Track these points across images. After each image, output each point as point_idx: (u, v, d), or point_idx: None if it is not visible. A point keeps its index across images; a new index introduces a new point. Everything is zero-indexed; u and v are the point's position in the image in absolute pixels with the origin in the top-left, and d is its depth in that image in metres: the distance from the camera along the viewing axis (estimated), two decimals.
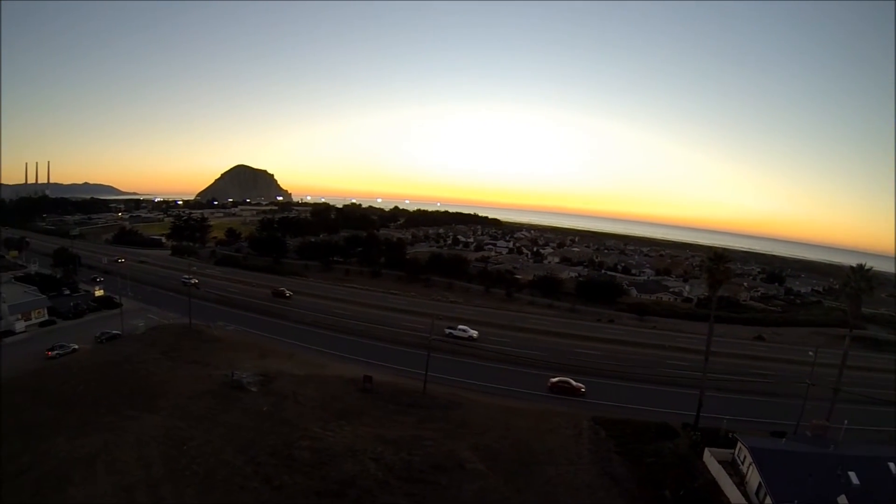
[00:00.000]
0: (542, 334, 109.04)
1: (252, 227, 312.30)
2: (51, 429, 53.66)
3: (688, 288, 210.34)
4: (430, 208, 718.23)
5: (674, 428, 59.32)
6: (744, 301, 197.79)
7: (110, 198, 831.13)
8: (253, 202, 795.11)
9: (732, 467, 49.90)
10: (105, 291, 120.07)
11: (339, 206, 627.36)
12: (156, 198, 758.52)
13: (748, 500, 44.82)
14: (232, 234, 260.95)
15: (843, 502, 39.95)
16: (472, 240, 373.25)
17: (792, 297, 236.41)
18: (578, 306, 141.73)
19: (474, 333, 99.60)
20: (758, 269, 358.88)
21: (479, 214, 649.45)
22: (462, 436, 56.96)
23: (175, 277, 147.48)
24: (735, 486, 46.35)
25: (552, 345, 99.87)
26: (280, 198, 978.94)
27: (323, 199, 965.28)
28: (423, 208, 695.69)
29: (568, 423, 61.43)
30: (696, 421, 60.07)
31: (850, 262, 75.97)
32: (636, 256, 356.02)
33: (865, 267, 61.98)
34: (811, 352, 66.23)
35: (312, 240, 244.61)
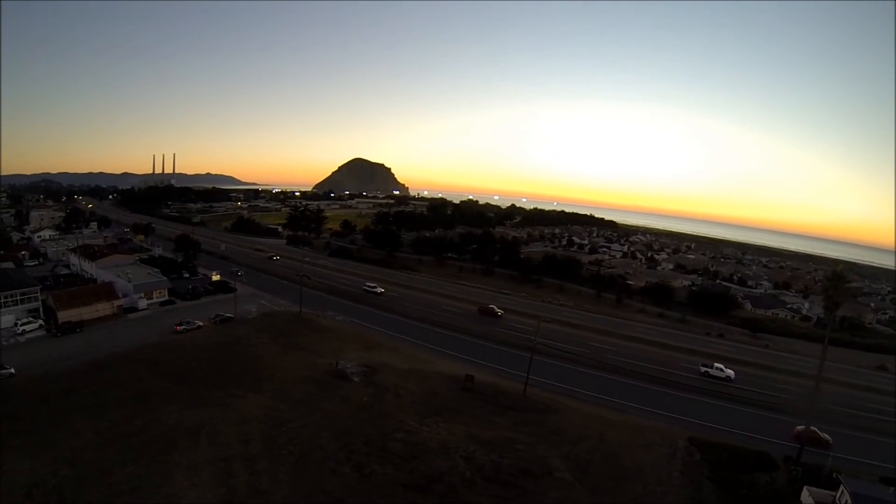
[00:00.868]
0: (648, 344, 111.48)
1: (367, 219, 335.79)
2: (163, 398, 63.39)
3: (807, 305, 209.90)
4: (546, 207, 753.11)
5: (773, 459, 59.29)
6: (869, 324, 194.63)
7: (230, 187, 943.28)
8: (370, 195, 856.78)
9: None
10: (221, 276, 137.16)
11: (456, 201, 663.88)
12: (274, 188, 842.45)
13: None
14: (347, 225, 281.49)
15: None
16: (586, 241, 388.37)
17: None
18: (689, 317, 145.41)
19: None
20: (888, 289, 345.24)
21: (596, 216, 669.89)
22: (555, 443, 59.13)
23: (289, 266, 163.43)
24: None
25: (657, 356, 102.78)
26: (397, 192, 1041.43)
27: (440, 195, 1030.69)
28: (539, 207, 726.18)
29: (663, 441, 62.10)
30: (799, 455, 59.17)
31: None
32: (754, 267, 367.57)
33: None
34: None
35: (427, 235, 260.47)
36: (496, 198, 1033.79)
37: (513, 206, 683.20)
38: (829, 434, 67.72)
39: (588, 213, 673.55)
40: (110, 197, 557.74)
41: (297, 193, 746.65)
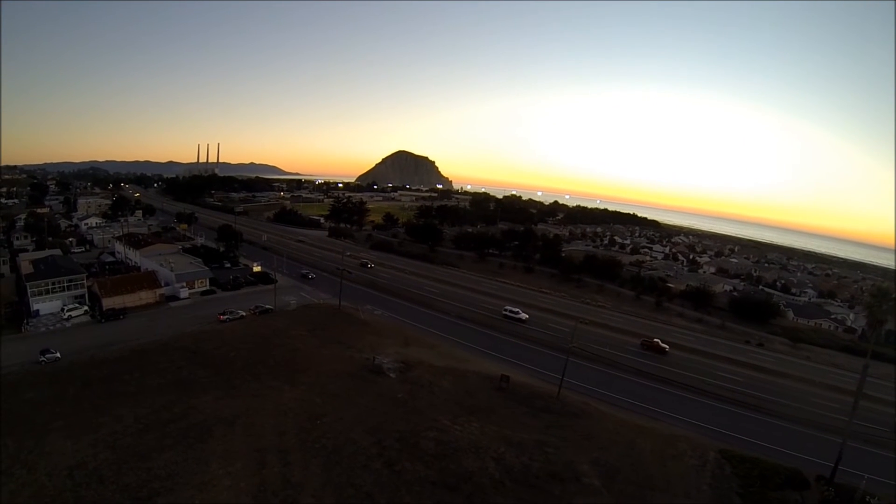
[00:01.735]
0: (685, 351, 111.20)
1: (410, 212, 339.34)
2: (202, 387, 66.44)
3: (852, 316, 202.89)
4: (589, 205, 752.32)
5: (805, 477, 58.23)
6: None
7: (274, 177, 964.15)
8: (413, 188, 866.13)
9: None
10: (262, 268, 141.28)
11: (499, 196, 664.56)
12: (317, 179, 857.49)
13: None
14: (389, 218, 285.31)
15: None
16: (628, 241, 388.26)
17: None
18: (729, 323, 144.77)
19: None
20: None
21: (638, 215, 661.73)
22: (585, 448, 59.65)
23: (330, 258, 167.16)
24: None
25: (693, 363, 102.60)
26: (440, 185, 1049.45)
27: (483, 189, 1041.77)
28: (582, 204, 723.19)
29: (694, 452, 61.83)
30: (833, 474, 57.55)
31: None
32: (799, 274, 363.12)
33: None
34: None
35: (469, 230, 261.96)
36: (539, 194, 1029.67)
37: (556, 202, 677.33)
38: (866, 456, 66.74)
39: (631, 213, 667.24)
40: (155, 185, 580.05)
41: (341, 185, 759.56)
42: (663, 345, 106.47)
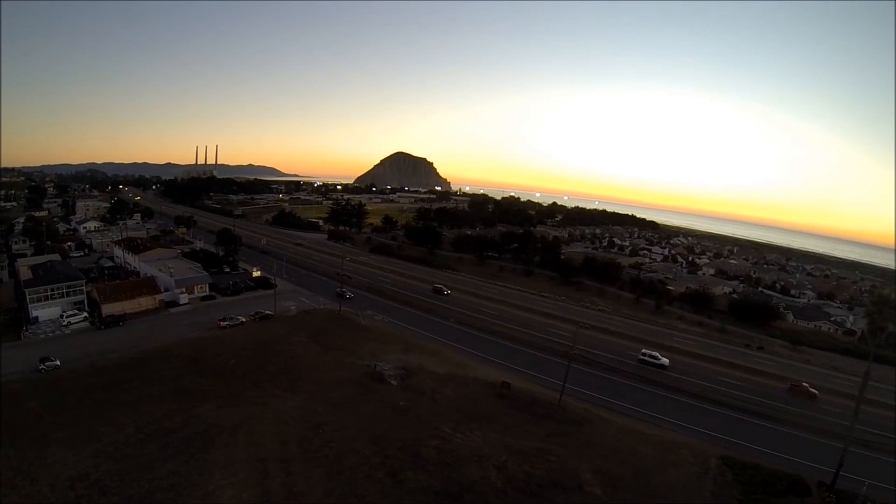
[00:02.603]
0: (685, 355, 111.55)
1: (409, 214, 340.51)
2: (203, 395, 66.47)
3: (852, 318, 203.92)
4: (587, 206, 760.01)
5: (807, 484, 58.16)
6: None
7: (272, 179, 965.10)
8: (411, 190, 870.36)
9: None
10: (262, 273, 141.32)
11: (498, 198, 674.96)
12: (316, 181, 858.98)
13: None
14: (388, 221, 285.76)
15: None
16: (627, 243, 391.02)
17: None
18: (729, 326, 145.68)
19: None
20: None
21: (637, 216, 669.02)
22: (586, 455, 59.96)
23: (330, 262, 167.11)
24: None
25: (692, 368, 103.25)
26: (439, 187, 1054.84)
27: (482, 190, 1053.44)
28: (580, 206, 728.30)
29: (695, 458, 62.28)
30: (834, 480, 58.05)
31: None
32: (798, 275, 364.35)
33: None
34: None
35: (468, 232, 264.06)
36: (538, 195, 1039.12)
37: (554, 204, 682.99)
38: (867, 461, 67.09)
39: (629, 214, 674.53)
40: (153, 187, 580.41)
41: (339, 187, 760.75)
42: (813, 390, 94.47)
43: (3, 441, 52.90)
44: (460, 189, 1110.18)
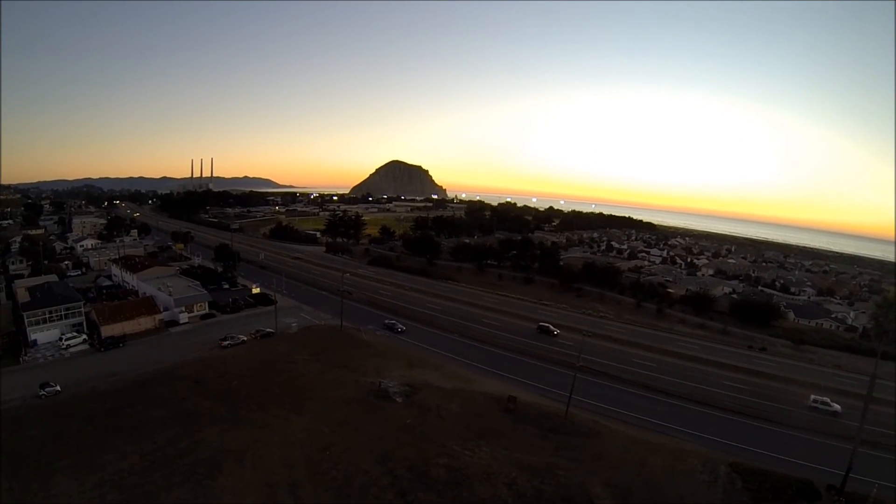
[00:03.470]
0: (689, 360, 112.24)
1: (407, 224, 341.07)
2: (206, 419, 65.89)
3: (852, 314, 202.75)
4: (584, 209, 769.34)
5: (817, 488, 58.17)
6: None
7: (268, 190, 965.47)
8: (407, 198, 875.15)
9: None
10: (261, 289, 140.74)
11: (494, 204, 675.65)
12: (312, 193, 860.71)
13: None
14: (386, 231, 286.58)
15: None
16: (625, 246, 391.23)
17: None
18: (731, 328, 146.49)
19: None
20: None
21: (634, 217, 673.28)
22: (596, 468, 59.80)
23: (329, 276, 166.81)
24: None
25: (697, 373, 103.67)
26: (435, 195, 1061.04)
27: (478, 197, 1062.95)
28: (577, 209, 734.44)
29: (704, 467, 62.16)
30: (844, 483, 57.64)
31: None
32: (797, 272, 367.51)
33: None
34: None
35: (467, 241, 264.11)
36: (534, 200, 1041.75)
37: (551, 208, 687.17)
38: (875, 462, 67.02)
39: (626, 216, 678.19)
40: (150, 202, 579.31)
41: (335, 197, 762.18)
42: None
43: (7, 471, 52.35)
44: (456, 196, 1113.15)
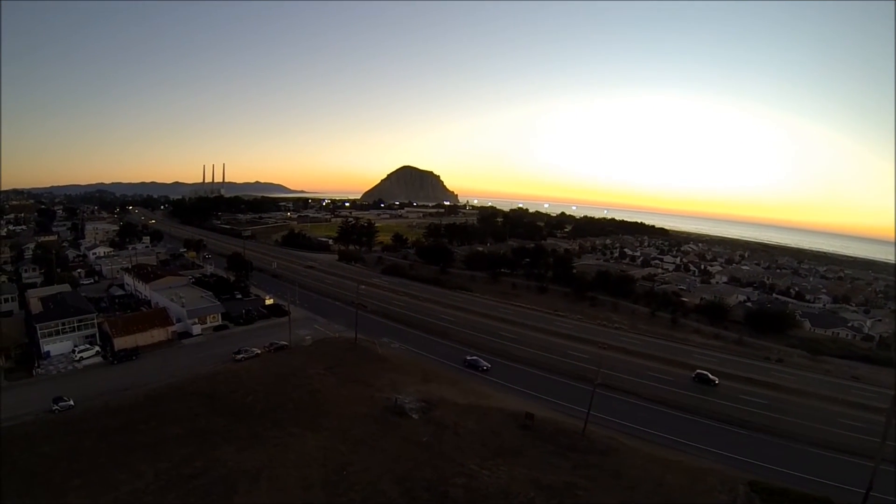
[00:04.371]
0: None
1: (419, 231, 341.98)
2: (221, 437, 65.14)
3: (869, 323, 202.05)
4: (596, 214, 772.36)
5: None
6: None
7: (279, 196, 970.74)
8: (419, 204, 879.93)
9: None
10: (274, 299, 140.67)
11: (506, 210, 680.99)
12: (324, 199, 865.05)
13: None
14: (398, 239, 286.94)
15: None
16: (638, 253, 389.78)
17: None
18: (746, 338, 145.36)
19: None
20: None
21: (646, 223, 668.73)
22: (614, 488, 58.76)
23: (342, 286, 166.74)
24: None
25: (715, 388, 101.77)
26: (447, 201, 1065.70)
27: (490, 203, 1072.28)
28: (589, 214, 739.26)
29: (723, 486, 60.99)
30: (864, 502, 55.81)
31: None
32: (811, 278, 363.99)
33: None
34: None
35: (480, 249, 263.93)
36: (546, 206, 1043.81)
37: (563, 214, 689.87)
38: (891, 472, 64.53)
39: (638, 221, 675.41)
40: (162, 207, 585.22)
41: (347, 203, 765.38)
42: None
43: (20, 490, 51.92)
44: (468, 202, 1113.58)
